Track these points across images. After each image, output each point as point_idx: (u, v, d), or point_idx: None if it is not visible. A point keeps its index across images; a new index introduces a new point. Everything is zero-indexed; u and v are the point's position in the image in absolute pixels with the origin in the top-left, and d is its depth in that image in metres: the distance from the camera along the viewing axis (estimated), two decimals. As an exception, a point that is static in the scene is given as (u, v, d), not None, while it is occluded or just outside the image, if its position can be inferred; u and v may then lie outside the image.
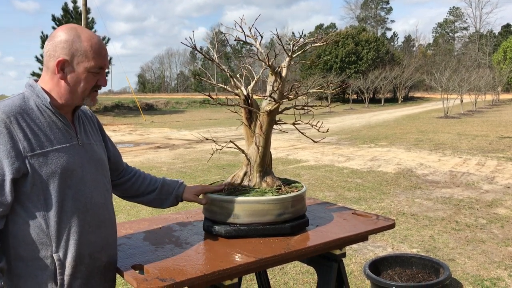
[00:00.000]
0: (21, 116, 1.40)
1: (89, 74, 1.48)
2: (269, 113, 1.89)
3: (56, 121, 1.47)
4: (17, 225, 1.41)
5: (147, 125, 23.15)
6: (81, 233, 1.48)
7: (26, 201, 1.41)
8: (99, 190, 1.56)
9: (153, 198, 1.88)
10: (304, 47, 1.91)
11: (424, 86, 56.19)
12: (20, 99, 1.44)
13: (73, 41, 1.45)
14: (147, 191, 1.87)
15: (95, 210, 1.53)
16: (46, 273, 1.43)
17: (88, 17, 23.84)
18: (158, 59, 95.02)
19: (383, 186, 7.03)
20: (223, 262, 1.55)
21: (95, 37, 1.50)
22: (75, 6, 29.22)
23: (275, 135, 14.39)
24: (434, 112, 27.11)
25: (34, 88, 1.47)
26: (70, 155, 1.47)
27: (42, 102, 1.45)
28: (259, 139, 1.92)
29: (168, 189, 1.88)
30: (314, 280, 3.58)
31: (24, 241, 1.40)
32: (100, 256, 1.54)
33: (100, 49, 1.49)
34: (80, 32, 1.48)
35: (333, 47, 47.71)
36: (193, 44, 1.91)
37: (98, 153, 1.61)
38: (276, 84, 1.88)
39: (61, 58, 1.44)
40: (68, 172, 1.45)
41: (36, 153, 1.39)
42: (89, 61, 1.46)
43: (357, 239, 1.91)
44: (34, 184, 1.40)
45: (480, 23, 77.53)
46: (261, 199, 1.80)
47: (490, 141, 12.40)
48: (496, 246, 4.33)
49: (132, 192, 1.87)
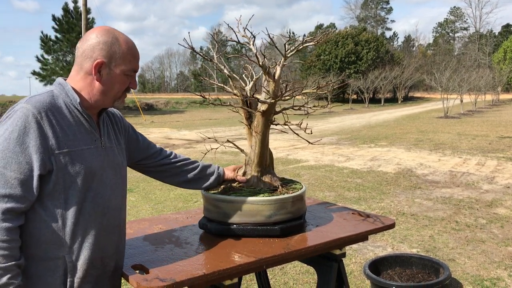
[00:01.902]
0: (51, 113, 1.39)
1: (124, 77, 1.50)
2: (263, 113, 1.88)
3: (83, 122, 1.47)
4: (33, 223, 1.39)
5: (147, 125, 23.14)
6: (96, 236, 1.47)
7: (45, 199, 1.39)
8: (117, 195, 1.56)
9: (196, 177, 1.94)
10: (298, 47, 1.90)
11: (424, 86, 56.21)
12: (49, 96, 1.43)
13: (112, 43, 1.47)
14: (188, 170, 1.93)
15: (112, 214, 1.53)
16: (57, 274, 1.41)
17: (88, 17, 23.83)
18: (158, 59, 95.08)
19: (383, 186, 7.03)
20: (223, 262, 1.55)
21: (131, 40, 1.53)
22: (75, 6, 29.24)
23: (275, 135, 14.38)
24: (434, 112, 27.11)
25: (64, 87, 1.47)
26: (94, 157, 1.47)
27: (71, 102, 1.45)
28: (257, 139, 1.92)
29: (209, 169, 1.98)
30: (314, 280, 3.58)
31: (39, 240, 1.39)
32: (110, 261, 1.54)
33: (136, 52, 1.53)
34: (118, 35, 1.50)
35: (333, 47, 47.73)
36: (190, 45, 1.91)
37: (117, 157, 1.60)
38: (269, 84, 1.87)
39: (99, 60, 1.45)
40: (91, 174, 1.45)
41: (63, 152, 1.39)
42: (125, 64, 1.49)
43: (357, 239, 1.91)
44: (56, 182, 1.39)
45: (480, 23, 77.60)
46: (250, 200, 1.79)
47: (490, 141, 12.40)
48: (496, 246, 4.33)
49: (173, 170, 1.91)
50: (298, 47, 1.90)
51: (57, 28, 30.17)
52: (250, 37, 1.92)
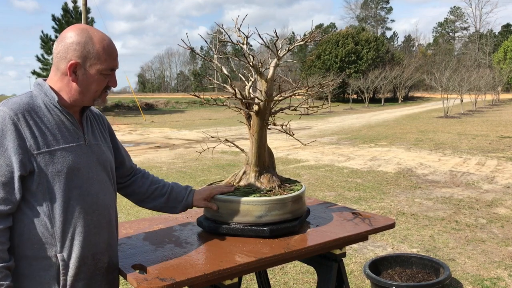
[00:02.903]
0: (28, 114, 1.39)
1: (100, 76, 1.48)
2: (257, 113, 1.88)
3: (64, 120, 1.47)
4: (23, 223, 1.40)
5: (147, 125, 23.15)
6: (86, 233, 1.47)
7: (31, 200, 1.40)
8: (106, 191, 1.56)
9: (162, 205, 1.85)
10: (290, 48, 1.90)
11: (424, 86, 56.17)
12: (28, 97, 1.44)
13: (86, 43, 1.44)
14: (154, 195, 1.84)
15: (101, 211, 1.53)
16: (49, 273, 1.42)
17: (88, 17, 23.83)
18: (158, 58, 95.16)
19: (383, 186, 7.03)
20: (223, 261, 1.55)
21: (107, 38, 1.49)
22: (75, 6, 29.23)
23: (275, 135, 14.38)
24: (434, 112, 27.11)
25: (42, 87, 1.47)
26: (77, 155, 1.46)
27: (50, 101, 1.45)
28: (253, 139, 1.93)
29: (177, 197, 1.86)
30: (314, 280, 3.58)
31: (29, 240, 1.40)
32: (103, 257, 1.54)
33: (112, 50, 1.49)
34: (92, 33, 1.47)
35: (333, 47, 47.72)
36: (189, 46, 1.91)
37: (105, 154, 1.60)
38: (262, 84, 1.87)
39: (73, 61, 1.43)
40: (74, 172, 1.45)
41: (43, 151, 1.39)
42: (101, 64, 1.46)
43: (357, 239, 1.91)
44: (40, 182, 1.39)
45: (480, 23, 77.59)
46: (242, 200, 1.79)
47: (490, 141, 12.40)
48: (496, 246, 4.33)
49: (140, 195, 1.84)
50: (290, 48, 1.90)
51: (57, 28, 30.15)
52: (244, 37, 1.92)
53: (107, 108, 33.49)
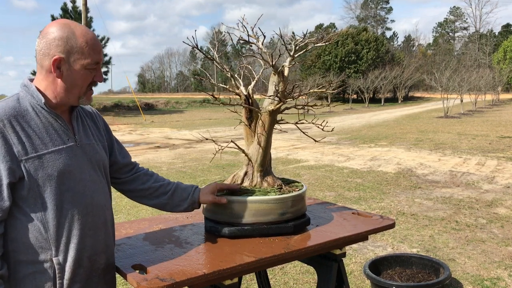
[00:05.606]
0: (15, 119, 1.37)
1: (86, 71, 1.44)
2: (272, 112, 1.89)
3: (53, 122, 1.44)
4: (16, 229, 1.39)
5: (147, 125, 23.14)
6: (81, 236, 1.45)
7: (23, 206, 1.38)
8: (100, 192, 1.54)
9: (166, 202, 1.80)
10: (305, 47, 1.90)
11: (424, 86, 56.16)
12: (14, 101, 1.41)
13: (68, 38, 1.41)
14: (158, 193, 1.79)
15: (96, 212, 1.51)
16: (46, 277, 1.41)
17: (87, 17, 23.82)
18: (158, 58, 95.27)
19: (383, 186, 7.03)
20: (223, 262, 1.55)
21: (89, 32, 1.46)
22: (74, 6, 29.22)
23: (275, 135, 14.33)
24: (434, 112, 27.10)
25: (29, 88, 1.44)
26: (67, 157, 1.44)
27: (37, 103, 1.42)
28: (261, 139, 1.92)
29: (182, 195, 1.80)
30: (314, 280, 3.58)
31: (24, 245, 1.39)
32: (99, 258, 1.53)
33: (95, 44, 1.46)
34: (74, 28, 1.43)
35: (333, 47, 47.72)
36: (195, 44, 1.90)
37: (98, 154, 1.57)
38: (280, 83, 1.88)
39: (57, 57, 1.40)
40: (66, 175, 1.42)
41: (31, 157, 1.36)
42: (85, 58, 1.43)
43: (357, 239, 1.91)
44: (30, 188, 1.37)
45: (480, 23, 77.59)
46: (264, 199, 1.80)
47: (490, 141, 12.40)
48: (496, 246, 4.33)
49: (142, 191, 1.78)
50: (306, 47, 1.90)
51: (57, 28, 30.13)
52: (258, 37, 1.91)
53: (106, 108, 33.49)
